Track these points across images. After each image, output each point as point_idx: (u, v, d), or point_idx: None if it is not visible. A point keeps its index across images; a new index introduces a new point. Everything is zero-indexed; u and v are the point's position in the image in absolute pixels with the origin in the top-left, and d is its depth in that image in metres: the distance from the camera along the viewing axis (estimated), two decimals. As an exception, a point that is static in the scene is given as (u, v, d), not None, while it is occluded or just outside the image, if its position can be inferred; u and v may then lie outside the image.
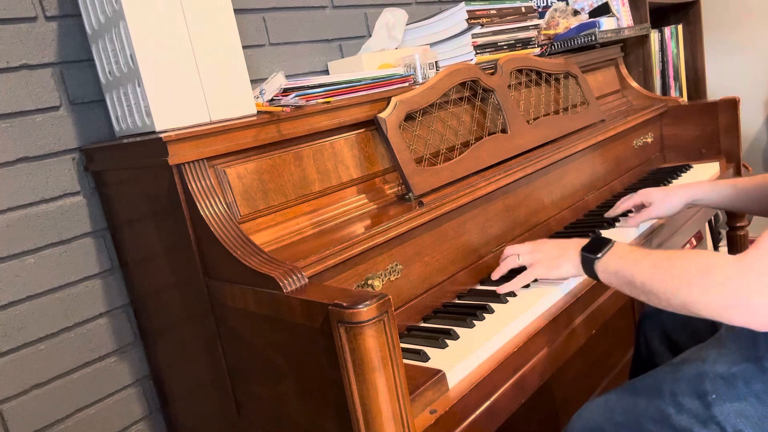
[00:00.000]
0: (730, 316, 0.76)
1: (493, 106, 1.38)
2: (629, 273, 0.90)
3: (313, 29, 1.58)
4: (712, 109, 1.84)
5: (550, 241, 1.11)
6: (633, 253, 0.92)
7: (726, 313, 0.76)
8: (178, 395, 1.20)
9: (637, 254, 0.91)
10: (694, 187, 1.31)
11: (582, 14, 1.92)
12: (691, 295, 0.80)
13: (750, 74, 2.91)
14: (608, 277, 0.95)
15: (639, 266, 0.88)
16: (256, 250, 0.86)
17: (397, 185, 1.18)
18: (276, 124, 1.01)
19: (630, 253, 0.92)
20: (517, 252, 1.11)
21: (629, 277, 0.89)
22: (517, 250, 1.11)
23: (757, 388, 0.83)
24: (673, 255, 0.85)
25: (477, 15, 1.56)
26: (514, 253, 1.11)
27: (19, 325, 1.11)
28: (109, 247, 1.21)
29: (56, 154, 1.14)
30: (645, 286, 0.86)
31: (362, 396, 0.70)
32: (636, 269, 0.89)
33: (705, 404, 0.86)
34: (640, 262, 0.89)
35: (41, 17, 1.12)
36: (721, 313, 0.77)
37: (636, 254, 0.91)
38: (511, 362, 0.91)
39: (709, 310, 0.78)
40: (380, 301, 0.68)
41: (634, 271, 0.89)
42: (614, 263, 0.93)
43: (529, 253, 1.09)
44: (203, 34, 0.99)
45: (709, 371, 0.88)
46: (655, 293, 0.85)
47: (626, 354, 2.01)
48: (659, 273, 0.84)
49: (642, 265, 0.88)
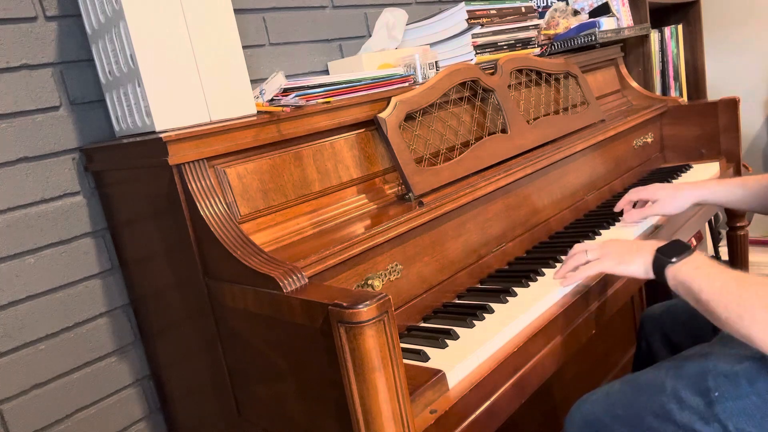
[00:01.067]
0: None
1: (493, 106, 1.38)
2: (697, 287, 0.87)
3: (313, 29, 1.58)
4: (712, 109, 1.84)
5: (622, 239, 1.08)
6: (708, 267, 0.89)
7: None
8: (178, 395, 1.20)
9: (712, 270, 0.88)
10: (702, 186, 1.30)
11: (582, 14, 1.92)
12: (752, 329, 0.78)
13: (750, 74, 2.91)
14: (676, 285, 0.92)
15: (709, 284, 0.86)
16: (256, 250, 0.86)
17: (397, 185, 1.18)
18: (276, 124, 1.01)
19: (705, 267, 0.89)
20: (585, 248, 1.08)
21: (696, 291, 0.87)
22: (585, 246, 1.08)
23: (760, 387, 0.83)
24: (746, 281, 0.83)
25: (477, 15, 1.56)
26: (582, 249, 1.08)
27: (19, 325, 1.11)
28: (109, 247, 1.21)
29: (56, 154, 1.14)
30: (709, 305, 0.85)
31: (362, 396, 0.70)
32: (705, 286, 0.86)
33: (707, 401, 0.86)
34: (712, 280, 0.86)
35: (41, 17, 1.12)
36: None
37: (711, 270, 0.88)
38: (511, 362, 0.91)
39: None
40: (380, 301, 0.68)
41: (702, 287, 0.87)
42: (686, 273, 0.91)
43: (599, 248, 1.06)
44: (203, 34, 0.99)
45: (713, 368, 0.88)
46: (717, 316, 0.84)
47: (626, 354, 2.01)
48: (725, 298, 0.83)
49: (712, 284, 0.85)
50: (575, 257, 1.08)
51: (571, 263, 1.08)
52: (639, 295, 2.14)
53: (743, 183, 1.24)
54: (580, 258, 1.07)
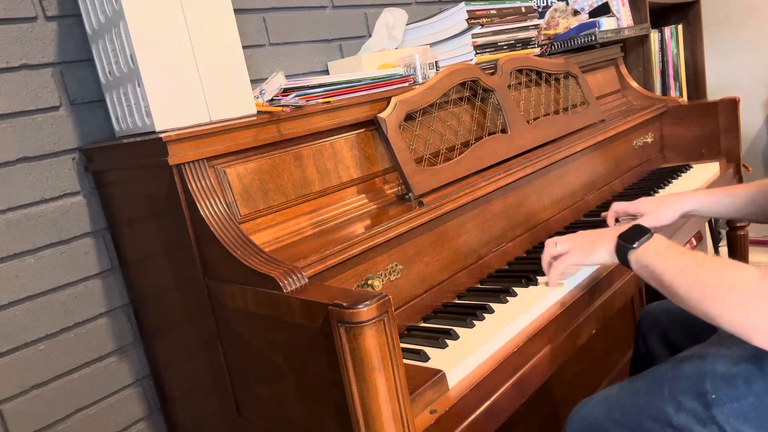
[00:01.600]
0: (750, 336, 0.77)
1: (493, 106, 1.38)
2: (659, 270, 0.89)
3: (313, 29, 1.58)
4: (712, 109, 1.84)
5: (589, 230, 1.10)
6: (668, 250, 0.91)
7: (746, 333, 0.77)
8: (178, 395, 1.20)
9: (671, 252, 0.90)
10: (688, 197, 1.28)
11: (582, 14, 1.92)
12: (714, 308, 0.80)
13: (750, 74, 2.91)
14: (639, 269, 0.95)
15: (670, 266, 0.88)
16: (256, 250, 0.86)
17: (397, 185, 1.18)
18: (276, 124, 1.01)
19: (665, 250, 0.92)
20: (554, 241, 1.11)
21: (659, 274, 0.89)
22: (555, 239, 1.11)
23: (757, 389, 0.83)
24: (705, 262, 0.85)
25: (477, 15, 1.56)
26: (552, 242, 1.11)
27: (19, 325, 1.11)
28: (109, 247, 1.21)
29: (56, 154, 1.14)
30: (672, 287, 0.87)
31: (362, 396, 0.70)
32: (667, 268, 0.88)
33: (705, 404, 0.86)
34: (672, 262, 0.88)
35: (41, 17, 1.12)
36: (742, 332, 0.77)
37: (670, 252, 0.90)
38: (511, 362, 0.91)
39: (731, 326, 0.79)
40: (380, 301, 0.68)
41: (664, 270, 0.89)
42: (648, 257, 0.93)
43: (567, 241, 1.09)
44: (203, 34, 0.99)
45: (710, 370, 0.88)
46: (680, 297, 0.85)
47: (626, 354, 2.01)
48: (687, 279, 0.84)
49: (673, 266, 0.87)
50: (547, 250, 1.12)
51: (545, 256, 1.12)
52: (639, 295, 2.14)
53: (732, 192, 1.22)
54: (551, 250, 1.11)
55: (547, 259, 1.11)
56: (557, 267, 1.07)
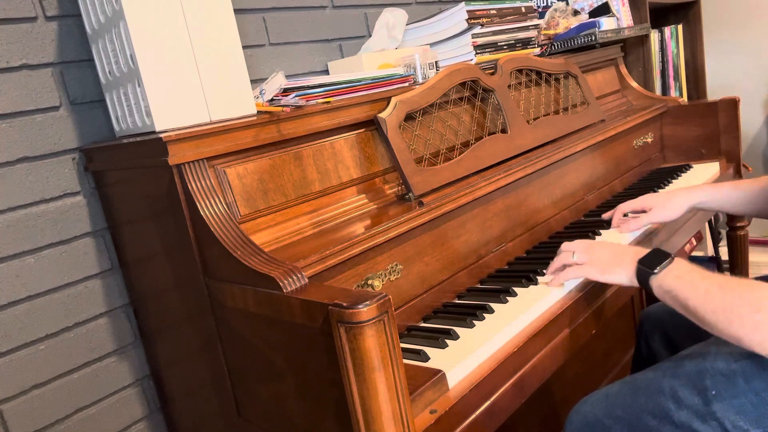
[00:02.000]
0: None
1: (493, 106, 1.38)
2: (683, 296, 0.88)
3: (313, 29, 1.58)
4: (712, 109, 1.84)
5: (607, 243, 1.08)
6: (689, 274, 0.90)
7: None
8: (178, 395, 1.20)
9: (694, 277, 0.89)
10: (695, 191, 1.29)
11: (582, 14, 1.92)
12: (742, 331, 0.79)
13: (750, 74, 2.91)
14: (662, 295, 0.93)
15: (694, 291, 0.87)
16: (256, 250, 0.86)
17: (397, 185, 1.18)
18: (276, 124, 1.01)
19: (687, 274, 0.90)
20: (572, 249, 1.09)
21: (683, 300, 0.88)
22: (572, 247, 1.09)
23: (756, 386, 0.84)
24: (729, 285, 0.84)
25: (477, 15, 1.56)
26: (569, 249, 1.09)
27: (19, 325, 1.11)
28: (109, 247, 1.21)
29: (56, 154, 1.14)
30: (698, 312, 0.86)
31: (362, 396, 0.70)
32: (690, 293, 0.87)
33: (705, 400, 0.86)
34: (696, 286, 0.87)
35: (41, 17, 1.12)
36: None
37: (693, 277, 0.89)
38: (511, 362, 0.91)
39: (760, 347, 0.78)
40: (380, 301, 0.68)
41: (688, 295, 0.88)
42: (670, 282, 0.91)
43: (584, 252, 1.07)
44: (203, 34, 0.99)
45: (710, 367, 0.88)
46: (707, 322, 0.84)
47: (626, 354, 2.01)
48: (712, 303, 0.83)
49: (697, 291, 0.86)
50: (562, 256, 1.10)
51: (558, 261, 1.10)
52: (639, 295, 2.14)
53: (736, 186, 1.23)
54: (567, 258, 1.08)
55: (559, 265, 1.09)
56: (567, 275, 1.06)
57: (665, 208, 1.29)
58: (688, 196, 1.29)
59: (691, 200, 1.29)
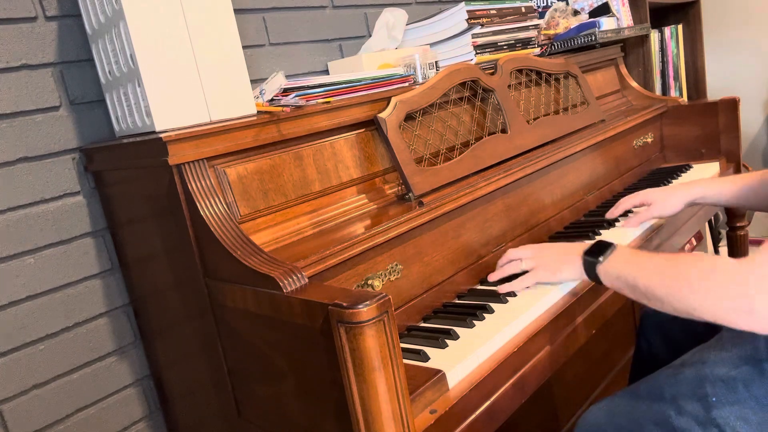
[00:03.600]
0: (732, 320, 0.76)
1: (493, 106, 1.38)
2: (632, 277, 0.89)
3: (313, 29, 1.58)
4: (712, 109, 1.84)
5: (552, 245, 1.10)
6: (635, 256, 0.91)
7: (728, 317, 0.76)
8: (178, 395, 1.20)
9: (640, 258, 0.90)
10: (694, 185, 1.31)
11: (582, 14, 1.92)
12: (694, 300, 0.79)
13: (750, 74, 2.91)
14: (611, 281, 0.95)
15: (641, 270, 0.88)
16: (256, 250, 0.86)
17: (397, 185, 1.18)
18: (276, 124, 1.01)
19: (632, 257, 0.92)
20: (519, 256, 1.10)
21: (632, 281, 0.89)
22: (519, 254, 1.11)
23: (757, 392, 0.83)
24: (676, 258, 0.84)
25: (477, 15, 1.56)
26: (517, 257, 1.11)
27: (19, 325, 1.11)
28: (109, 247, 1.21)
29: (56, 154, 1.14)
30: (648, 290, 0.86)
31: (362, 396, 0.70)
32: (638, 273, 0.88)
33: (705, 407, 0.86)
34: (643, 266, 0.88)
35: (41, 17, 1.12)
36: (724, 317, 0.77)
37: (638, 258, 0.90)
38: (511, 362, 0.91)
39: (711, 314, 0.78)
40: (380, 301, 0.68)
41: (636, 275, 0.88)
42: (617, 267, 0.93)
43: (532, 258, 1.09)
44: (203, 34, 0.99)
45: (710, 374, 0.88)
46: (658, 298, 0.85)
47: (626, 354, 2.01)
48: (661, 277, 0.84)
49: (645, 270, 0.87)
50: (511, 265, 1.11)
51: (507, 270, 1.11)
52: (639, 295, 2.14)
53: (734, 180, 1.24)
54: (515, 267, 1.10)
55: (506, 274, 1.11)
56: (522, 283, 1.07)
57: (665, 203, 1.31)
58: (687, 191, 1.30)
59: (690, 195, 1.30)
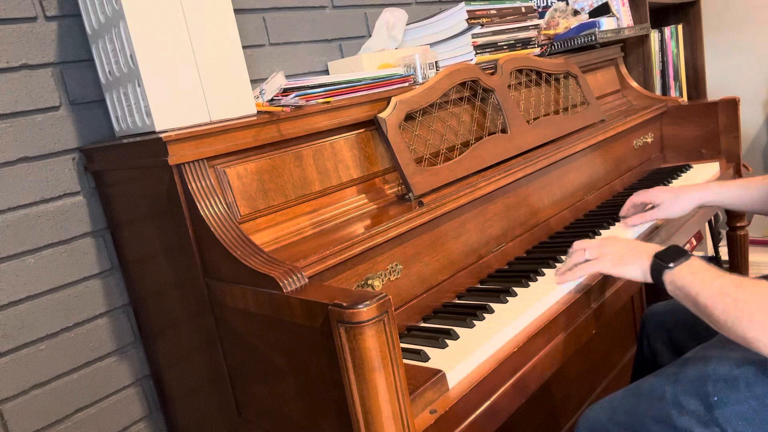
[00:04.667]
0: None
1: (493, 106, 1.38)
2: (695, 292, 0.88)
3: (313, 29, 1.58)
4: (712, 109, 1.84)
5: (621, 239, 1.08)
6: (705, 272, 0.89)
7: None
8: (178, 395, 1.20)
9: (708, 275, 0.88)
10: (704, 188, 1.29)
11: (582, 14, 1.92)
12: (751, 331, 0.78)
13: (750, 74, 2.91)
14: (674, 290, 0.93)
15: (706, 288, 0.86)
16: (256, 250, 0.86)
17: (397, 185, 1.18)
18: (276, 124, 1.01)
19: (702, 272, 0.89)
20: (584, 246, 1.08)
21: (694, 296, 0.88)
22: (584, 245, 1.08)
23: (758, 391, 0.83)
24: (743, 284, 0.83)
25: (477, 15, 1.56)
26: (582, 247, 1.08)
27: (19, 325, 1.11)
28: (109, 247, 1.21)
29: (56, 154, 1.14)
30: (707, 309, 0.85)
31: (362, 396, 0.70)
32: (703, 290, 0.86)
33: (707, 406, 0.86)
34: (709, 284, 0.86)
35: (41, 17, 1.12)
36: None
37: (707, 275, 0.88)
38: (511, 362, 0.91)
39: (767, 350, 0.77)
40: (380, 301, 0.68)
41: (699, 291, 0.87)
42: (683, 278, 0.91)
43: (597, 248, 1.06)
44: (203, 34, 0.99)
45: (712, 373, 0.88)
46: (716, 319, 0.84)
47: (627, 354, 2.01)
48: (723, 301, 0.83)
49: (709, 288, 0.86)
50: (574, 255, 1.09)
51: (570, 262, 1.09)
52: (639, 295, 2.14)
53: (746, 184, 1.23)
54: (579, 257, 1.07)
55: (571, 265, 1.08)
56: (580, 271, 1.05)
57: (674, 206, 1.29)
58: (697, 195, 1.29)
59: (700, 199, 1.29)
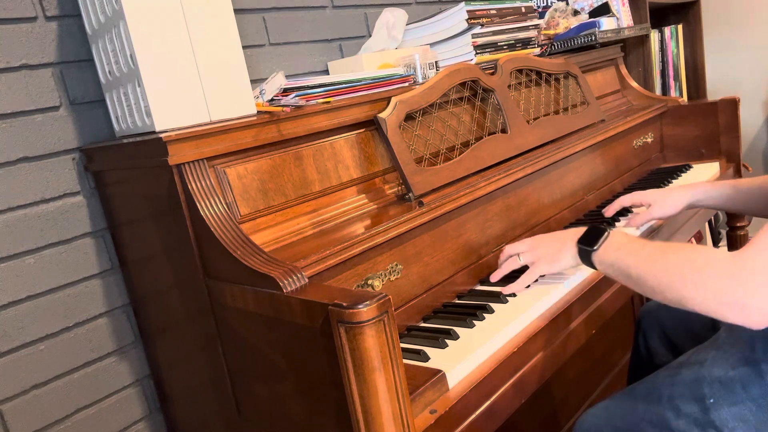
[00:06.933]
0: (723, 313, 0.76)
1: (493, 106, 1.38)
2: (624, 265, 0.89)
3: (313, 29, 1.58)
4: (712, 109, 1.84)
5: (546, 235, 1.11)
6: (629, 244, 0.91)
7: (719, 310, 0.76)
8: (178, 395, 1.20)
9: (634, 246, 0.90)
10: (694, 188, 1.30)
11: (582, 14, 1.92)
12: (685, 291, 0.79)
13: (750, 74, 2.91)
14: (605, 269, 0.95)
15: (635, 258, 0.88)
16: (256, 250, 0.86)
17: (397, 185, 1.18)
18: (276, 124, 1.01)
19: (626, 245, 0.92)
20: (516, 251, 1.11)
21: (625, 269, 0.89)
22: (516, 250, 1.11)
23: (754, 393, 0.83)
24: (669, 248, 0.84)
25: (477, 15, 1.56)
26: (514, 252, 1.11)
27: (19, 325, 1.11)
28: (109, 247, 1.21)
29: (56, 154, 1.14)
30: (640, 279, 0.86)
31: (362, 396, 0.70)
32: (631, 261, 0.88)
33: (703, 408, 0.86)
34: (636, 254, 0.88)
35: (41, 17, 1.12)
36: (715, 310, 0.76)
37: (632, 246, 0.90)
38: (511, 362, 0.91)
39: (703, 306, 0.78)
40: (380, 301, 0.68)
41: (629, 263, 0.88)
42: (610, 255, 0.93)
43: (529, 252, 1.09)
44: (203, 34, 0.99)
45: (707, 375, 0.88)
46: (650, 287, 0.85)
47: (626, 354, 2.01)
48: (654, 267, 0.84)
49: (638, 258, 0.87)
50: (508, 262, 1.12)
51: (504, 269, 1.12)
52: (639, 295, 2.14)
53: (735, 185, 1.23)
54: (513, 263, 1.11)
55: (507, 271, 1.12)
56: (525, 280, 1.08)
57: (664, 204, 1.30)
58: (686, 193, 1.30)
59: (689, 197, 1.29)
